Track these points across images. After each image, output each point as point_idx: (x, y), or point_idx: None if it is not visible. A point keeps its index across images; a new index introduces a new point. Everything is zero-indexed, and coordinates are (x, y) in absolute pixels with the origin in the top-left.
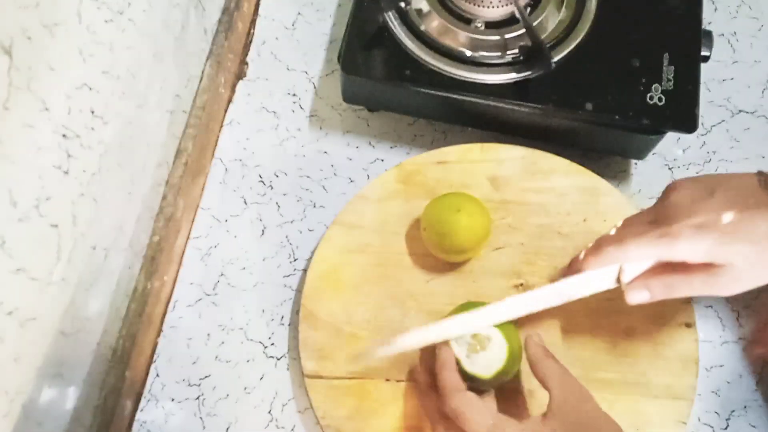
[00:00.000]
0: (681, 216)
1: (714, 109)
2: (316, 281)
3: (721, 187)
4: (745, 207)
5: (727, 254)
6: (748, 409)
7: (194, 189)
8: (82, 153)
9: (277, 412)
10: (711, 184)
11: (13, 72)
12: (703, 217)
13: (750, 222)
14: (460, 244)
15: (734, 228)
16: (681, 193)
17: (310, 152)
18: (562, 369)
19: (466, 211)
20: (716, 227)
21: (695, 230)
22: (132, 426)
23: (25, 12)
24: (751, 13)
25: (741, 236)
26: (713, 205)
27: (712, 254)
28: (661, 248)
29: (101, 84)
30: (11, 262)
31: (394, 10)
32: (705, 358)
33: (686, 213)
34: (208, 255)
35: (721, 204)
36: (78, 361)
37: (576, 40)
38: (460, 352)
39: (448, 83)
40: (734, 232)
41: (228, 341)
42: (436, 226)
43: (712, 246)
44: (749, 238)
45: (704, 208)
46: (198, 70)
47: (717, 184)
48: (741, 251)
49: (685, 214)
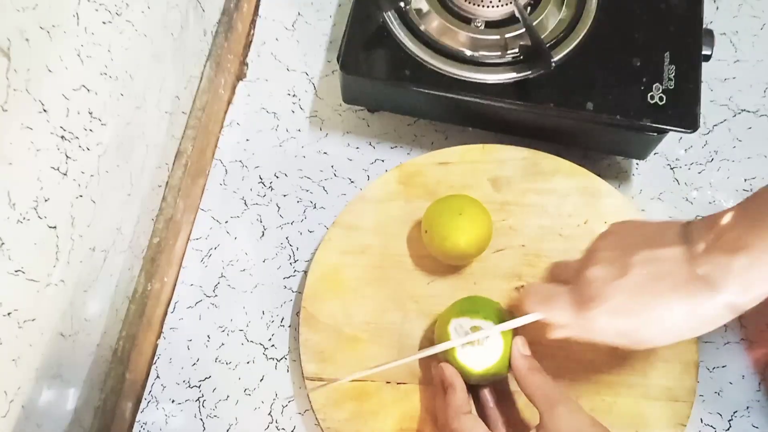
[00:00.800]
0: (597, 299)
1: (716, 108)
2: (317, 283)
3: (638, 262)
4: (658, 291)
5: (640, 336)
6: (750, 410)
7: (194, 190)
8: (81, 154)
9: (278, 414)
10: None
11: (12, 74)
12: (616, 302)
13: (662, 308)
14: (462, 248)
15: (646, 315)
16: (599, 267)
17: (310, 153)
18: (549, 384)
19: (467, 214)
20: (627, 314)
21: (609, 315)
22: (132, 427)
23: (23, 13)
24: (752, 12)
25: (652, 321)
26: (627, 287)
27: (626, 336)
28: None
29: (100, 85)
30: (10, 263)
31: (394, 10)
32: (707, 359)
33: (602, 296)
34: (208, 256)
35: (634, 287)
36: (77, 362)
37: (576, 39)
38: (456, 340)
39: (448, 83)
40: (646, 319)
41: (228, 343)
42: (438, 228)
43: (626, 329)
44: (657, 324)
45: (618, 291)
46: (197, 71)
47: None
48: (653, 333)
49: (601, 297)
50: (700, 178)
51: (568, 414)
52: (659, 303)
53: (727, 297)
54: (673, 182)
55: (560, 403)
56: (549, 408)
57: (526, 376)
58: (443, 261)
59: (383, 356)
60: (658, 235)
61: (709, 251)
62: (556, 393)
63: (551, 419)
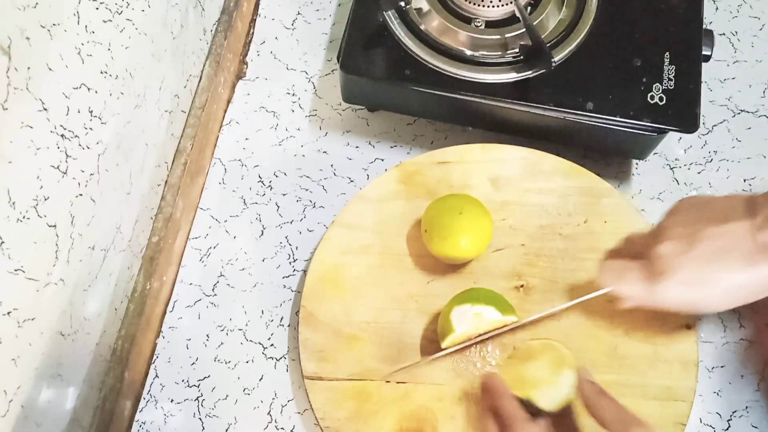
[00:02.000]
0: (668, 271)
1: (715, 108)
2: (316, 282)
3: (706, 236)
4: (725, 263)
5: (703, 307)
6: (749, 410)
7: (193, 189)
8: (81, 153)
9: (277, 413)
10: (695, 233)
11: (12, 72)
12: (686, 274)
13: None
14: (462, 247)
15: (714, 286)
16: (667, 244)
17: (309, 152)
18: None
19: (467, 213)
20: (696, 285)
21: (678, 287)
22: (131, 427)
23: (23, 12)
24: (752, 12)
25: (717, 294)
26: (696, 261)
27: (690, 306)
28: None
29: (100, 84)
30: (9, 262)
31: (394, 10)
32: (706, 359)
33: (671, 269)
34: (208, 255)
35: (702, 260)
36: (77, 361)
37: (577, 39)
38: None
39: (448, 83)
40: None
41: (227, 342)
42: (438, 228)
43: (694, 300)
44: (724, 295)
45: (687, 264)
46: (197, 69)
47: (703, 231)
48: (714, 304)
49: (670, 271)
50: (700, 178)
51: None
52: (725, 274)
53: None
54: (672, 182)
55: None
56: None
57: (595, 400)
58: (443, 260)
59: (383, 355)
60: (723, 210)
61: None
62: (628, 416)
63: None
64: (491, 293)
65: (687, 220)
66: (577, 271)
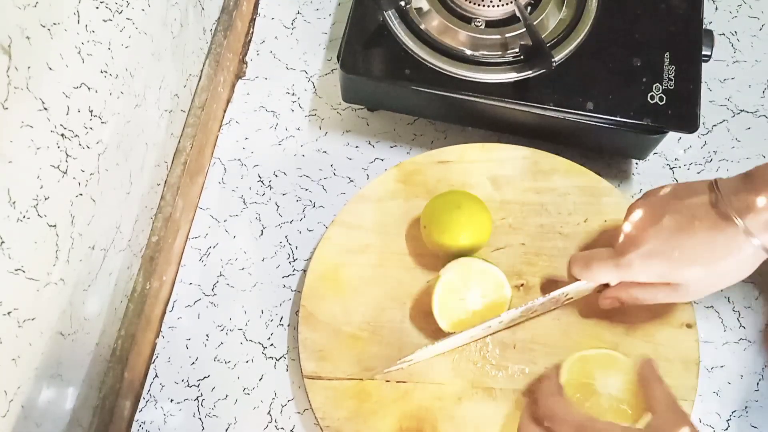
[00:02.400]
0: (632, 245)
1: (715, 108)
2: (316, 282)
3: (671, 210)
4: (690, 231)
5: (679, 277)
6: (749, 410)
7: (193, 189)
8: (81, 153)
9: (277, 413)
10: (662, 207)
11: (12, 71)
12: (651, 246)
13: (694, 246)
14: (460, 241)
15: (681, 254)
16: (634, 219)
17: (309, 152)
18: (671, 396)
19: (466, 208)
20: (664, 254)
21: (645, 259)
22: (131, 426)
23: (23, 11)
24: (751, 12)
25: (688, 261)
26: (660, 232)
27: (666, 277)
28: (621, 275)
29: (100, 83)
30: (10, 262)
31: (394, 9)
32: (706, 359)
33: (636, 242)
34: (207, 255)
35: (668, 230)
36: (76, 361)
37: (577, 39)
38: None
39: (448, 82)
40: (681, 258)
41: (227, 342)
42: (436, 223)
43: (664, 271)
44: (695, 260)
45: (652, 236)
46: (197, 69)
47: (667, 206)
48: (690, 273)
49: (635, 243)
50: (699, 178)
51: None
52: (691, 241)
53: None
54: (672, 182)
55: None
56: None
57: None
58: (442, 256)
59: (383, 355)
60: (687, 189)
61: (735, 194)
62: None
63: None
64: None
65: (650, 201)
66: None
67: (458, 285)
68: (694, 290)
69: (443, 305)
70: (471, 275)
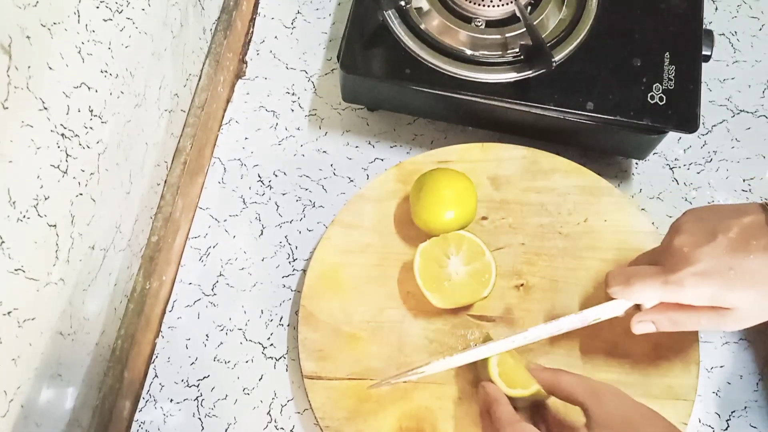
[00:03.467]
0: (684, 263)
1: (715, 108)
2: (316, 281)
3: (724, 228)
4: (746, 251)
5: (731, 300)
6: (748, 410)
7: (193, 189)
8: (81, 152)
9: (276, 413)
10: (713, 225)
11: (12, 71)
12: (706, 264)
13: (751, 267)
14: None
15: (736, 275)
16: (684, 236)
17: (309, 152)
18: (580, 377)
19: (446, 175)
20: (719, 274)
21: (698, 278)
22: (131, 427)
23: (24, 11)
24: (751, 12)
25: (743, 283)
26: (715, 250)
27: (716, 300)
28: (667, 294)
29: (100, 83)
30: (10, 262)
31: (394, 9)
32: (706, 359)
33: (689, 260)
34: (207, 255)
35: (723, 249)
36: (76, 361)
37: (577, 39)
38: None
39: (448, 82)
40: (736, 279)
41: (227, 342)
42: (422, 200)
43: (716, 293)
44: (751, 283)
45: (707, 254)
46: (197, 68)
47: (719, 224)
48: (744, 297)
49: (688, 261)
50: (699, 178)
51: (614, 398)
52: (747, 263)
53: None
54: (672, 182)
55: (602, 391)
56: (591, 397)
57: (556, 380)
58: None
59: (382, 355)
60: (736, 209)
61: None
62: (593, 383)
63: (598, 407)
64: None
65: (699, 218)
66: (577, 270)
67: (437, 253)
68: (741, 317)
69: (425, 274)
70: (448, 242)
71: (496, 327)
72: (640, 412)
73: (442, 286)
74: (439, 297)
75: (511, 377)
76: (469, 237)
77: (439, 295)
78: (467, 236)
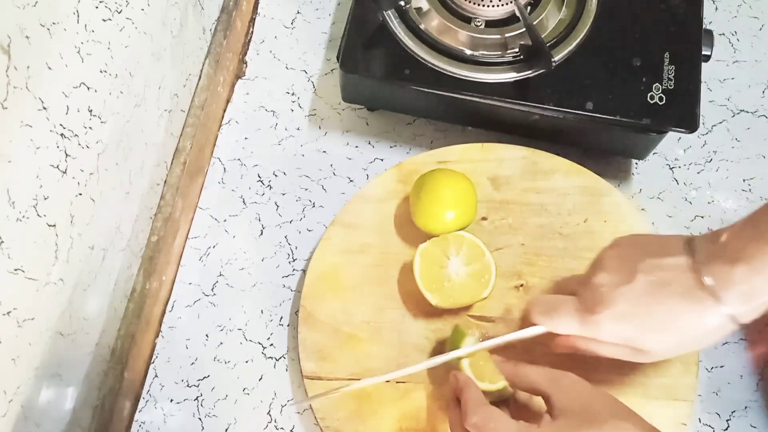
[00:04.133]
0: (602, 304)
1: (715, 108)
2: (316, 281)
3: (644, 269)
4: (664, 296)
5: (648, 343)
6: (748, 410)
7: (193, 189)
8: (80, 152)
9: (276, 413)
10: (634, 264)
11: (12, 71)
12: (623, 307)
13: (668, 312)
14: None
15: (652, 319)
16: (604, 275)
17: (309, 152)
18: (541, 368)
19: (446, 176)
20: (636, 318)
21: (615, 321)
22: (131, 427)
23: (23, 11)
24: (751, 12)
25: (660, 326)
26: (633, 292)
27: (633, 341)
28: (585, 331)
29: (99, 83)
30: (9, 262)
31: (394, 9)
32: (706, 359)
33: (607, 301)
34: (207, 255)
35: (640, 292)
36: (76, 361)
37: (576, 39)
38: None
39: (447, 82)
40: (650, 325)
41: (227, 342)
42: (421, 202)
43: (632, 335)
44: (665, 329)
45: (624, 296)
46: (196, 69)
47: (641, 263)
48: (660, 340)
49: (605, 303)
50: (699, 178)
51: (574, 385)
52: (664, 309)
53: (728, 306)
54: (672, 182)
55: (563, 379)
56: (552, 385)
57: (517, 371)
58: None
59: (382, 355)
60: (662, 246)
61: (711, 261)
62: (554, 372)
63: (559, 394)
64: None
65: (623, 253)
66: (577, 270)
67: (437, 253)
68: (656, 354)
69: (425, 274)
70: (448, 243)
71: (496, 327)
72: (600, 400)
73: (442, 287)
74: (439, 297)
75: (480, 371)
76: (469, 237)
77: (439, 296)
78: (467, 237)
